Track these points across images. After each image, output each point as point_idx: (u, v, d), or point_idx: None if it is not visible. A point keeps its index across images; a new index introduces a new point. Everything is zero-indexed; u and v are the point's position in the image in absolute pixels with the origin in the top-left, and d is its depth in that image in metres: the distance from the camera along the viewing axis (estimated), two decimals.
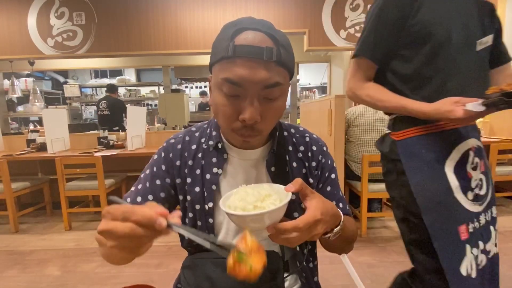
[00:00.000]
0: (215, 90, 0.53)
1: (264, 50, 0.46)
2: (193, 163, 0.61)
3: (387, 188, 0.93)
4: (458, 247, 0.73)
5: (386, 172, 0.91)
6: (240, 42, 0.47)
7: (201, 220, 0.59)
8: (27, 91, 4.81)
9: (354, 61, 0.88)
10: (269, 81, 0.48)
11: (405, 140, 0.82)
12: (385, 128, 2.73)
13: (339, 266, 1.80)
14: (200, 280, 0.56)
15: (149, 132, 3.16)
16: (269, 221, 0.41)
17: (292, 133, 0.66)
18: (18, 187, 2.55)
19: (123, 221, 0.32)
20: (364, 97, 0.86)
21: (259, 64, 0.47)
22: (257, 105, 0.49)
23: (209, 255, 0.59)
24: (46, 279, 1.79)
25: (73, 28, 2.96)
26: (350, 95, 0.92)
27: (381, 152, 0.93)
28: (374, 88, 0.85)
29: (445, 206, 0.74)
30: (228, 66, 0.48)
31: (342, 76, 4.21)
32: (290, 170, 0.62)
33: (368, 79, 0.87)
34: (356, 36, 3.04)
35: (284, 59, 0.49)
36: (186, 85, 6.36)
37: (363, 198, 2.17)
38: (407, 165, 0.80)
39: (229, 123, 0.51)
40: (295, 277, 0.63)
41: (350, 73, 0.89)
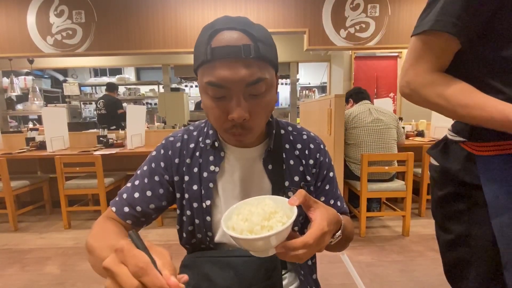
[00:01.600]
0: (202, 94, 0.53)
1: (241, 48, 0.46)
2: (191, 161, 0.62)
3: (440, 217, 0.67)
4: None
5: (446, 196, 0.64)
6: (217, 44, 0.47)
7: (199, 218, 0.60)
8: (26, 90, 4.80)
9: (420, 41, 0.59)
10: (251, 77, 0.48)
11: (493, 158, 0.55)
12: (382, 128, 2.67)
13: (338, 265, 1.81)
14: (199, 278, 0.56)
15: (149, 131, 3.16)
16: (276, 241, 0.39)
17: (290, 131, 0.66)
18: (17, 185, 2.55)
19: (132, 274, 0.29)
20: (435, 98, 0.57)
21: (238, 63, 0.47)
22: (244, 103, 0.49)
23: (208, 254, 0.59)
24: (45, 278, 1.79)
25: (73, 26, 2.95)
26: (407, 93, 0.62)
27: (442, 167, 0.65)
28: (451, 84, 0.56)
29: None
30: (209, 69, 0.48)
31: (342, 75, 4.20)
32: (287, 168, 0.62)
33: (439, 68, 0.59)
34: (357, 36, 3.04)
35: (264, 53, 0.48)
36: (186, 84, 6.36)
37: (362, 198, 2.18)
38: (493, 196, 0.54)
39: (220, 124, 0.52)
40: (294, 275, 0.64)
41: (410, 59, 0.61)
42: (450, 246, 0.64)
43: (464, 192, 0.59)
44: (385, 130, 2.26)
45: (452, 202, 0.62)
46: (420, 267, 1.80)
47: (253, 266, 0.55)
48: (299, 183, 0.62)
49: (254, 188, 0.61)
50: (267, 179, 0.61)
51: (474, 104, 0.52)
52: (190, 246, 0.63)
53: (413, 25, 0.61)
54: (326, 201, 0.65)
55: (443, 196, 0.65)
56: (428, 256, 1.94)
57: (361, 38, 3.05)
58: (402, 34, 3.04)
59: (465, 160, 0.59)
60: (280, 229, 0.38)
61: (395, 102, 4.25)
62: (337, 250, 0.61)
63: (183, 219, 0.62)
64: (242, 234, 0.40)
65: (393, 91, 4.26)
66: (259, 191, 0.61)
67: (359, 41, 3.05)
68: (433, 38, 0.57)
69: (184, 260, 0.62)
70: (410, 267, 1.81)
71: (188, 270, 0.59)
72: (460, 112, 0.55)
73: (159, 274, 0.30)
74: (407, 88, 0.62)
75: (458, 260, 0.62)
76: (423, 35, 0.58)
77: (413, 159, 2.13)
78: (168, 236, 2.30)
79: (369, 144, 2.25)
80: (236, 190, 0.60)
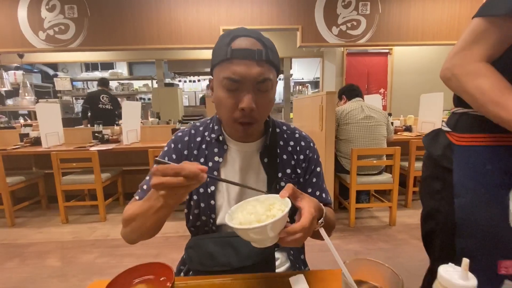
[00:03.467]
0: (217, 88, 0.62)
1: (255, 52, 0.58)
2: (198, 152, 0.71)
3: (422, 194, 0.79)
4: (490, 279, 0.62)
5: (428, 177, 0.75)
6: (236, 47, 0.58)
7: (204, 202, 0.67)
8: (16, 84, 4.72)
9: (485, 23, 0.57)
10: (261, 76, 0.59)
11: (467, 148, 0.64)
12: (372, 125, 2.79)
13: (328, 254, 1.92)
14: (203, 257, 0.64)
15: (144, 127, 3.19)
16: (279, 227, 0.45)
17: (284, 130, 0.76)
18: (13, 181, 2.56)
19: (174, 176, 0.43)
20: (472, 88, 0.58)
21: (252, 63, 0.58)
22: (253, 96, 0.59)
23: (210, 236, 0.67)
24: (47, 270, 1.84)
25: (65, 21, 2.93)
26: (448, 77, 0.63)
27: (428, 152, 0.76)
28: (493, 78, 0.56)
29: (490, 235, 0.61)
30: (227, 66, 0.58)
31: (334, 71, 4.29)
32: (280, 161, 0.71)
33: (490, 56, 0.58)
34: (349, 33, 3.11)
35: (271, 58, 0.60)
36: (179, 79, 6.33)
37: (352, 190, 2.29)
38: (460, 181, 0.64)
39: (231, 113, 0.61)
40: (285, 257, 0.72)
41: (463, 43, 0.60)
42: (424, 219, 0.77)
43: (441, 174, 0.69)
44: (376, 127, 2.36)
45: (430, 182, 0.73)
46: (404, 254, 1.93)
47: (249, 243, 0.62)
48: (291, 175, 0.71)
49: (252, 177, 0.70)
50: (263, 170, 0.70)
51: (504, 105, 0.54)
52: (195, 229, 0.71)
53: (403, 23, 0.66)
54: (312, 192, 0.74)
55: (425, 177, 0.76)
56: (412, 243, 2.07)
57: (353, 36, 3.12)
58: (392, 32, 3.12)
59: (446, 148, 0.68)
60: (282, 215, 0.45)
61: (385, 98, 4.37)
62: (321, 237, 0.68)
63: (190, 204, 0.70)
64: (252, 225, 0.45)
65: (383, 87, 4.37)
66: (256, 180, 0.69)
67: (351, 38, 3.13)
68: (505, 24, 0.55)
69: (188, 242, 0.69)
70: (396, 254, 1.94)
71: (193, 250, 0.66)
72: (490, 109, 0.56)
73: (190, 165, 0.44)
74: (449, 72, 0.62)
75: (430, 230, 0.74)
76: (494, 18, 0.56)
77: (400, 153, 2.24)
78: (165, 229, 2.35)
79: (360, 140, 2.35)
80: (236, 178, 0.69)
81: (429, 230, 0.75)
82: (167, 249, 2.07)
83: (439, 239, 0.71)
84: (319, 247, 0.86)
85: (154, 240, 2.34)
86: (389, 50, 4.23)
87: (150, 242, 2.22)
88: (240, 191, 0.68)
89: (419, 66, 4.23)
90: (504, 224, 0.60)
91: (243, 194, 0.68)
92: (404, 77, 4.28)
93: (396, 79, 4.30)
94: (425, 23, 3.12)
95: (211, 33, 3.02)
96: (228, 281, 0.56)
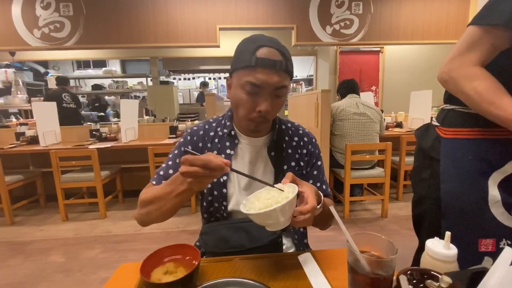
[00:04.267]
0: (237, 88, 0.70)
1: (277, 63, 0.66)
2: (211, 146, 0.78)
3: (413, 182, 0.87)
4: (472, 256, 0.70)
5: (418, 166, 0.84)
6: (261, 56, 0.65)
7: (217, 190, 0.75)
8: (7, 83, 4.64)
9: (481, 32, 0.64)
10: (279, 84, 0.67)
11: (452, 140, 0.73)
12: (366, 121, 2.91)
13: (324, 244, 2.02)
14: (217, 240, 0.71)
15: (142, 125, 3.21)
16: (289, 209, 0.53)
17: (289, 127, 0.84)
18: (11, 180, 2.57)
19: (202, 167, 0.51)
20: (469, 89, 0.64)
21: (273, 72, 0.66)
22: (270, 101, 0.68)
23: (222, 223, 0.74)
24: (51, 266, 1.88)
25: (60, 20, 2.92)
26: (445, 79, 0.69)
27: (419, 144, 0.84)
28: (487, 81, 0.63)
29: (472, 217, 0.70)
30: (251, 72, 0.66)
31: (328, 69, 4.38)
32: (286, 155, 0.79)
33: (484, 61, 0.65)
34: (342, 33, 3.20)
35: (289, 68, 0.69)
36: (174, 76, 6.32)
37: (346, 184, 2.39)
38: (445, 169, 0.72)
39: (248, 114, 0.70)
40: (291, 242, 0.80)
41: (459, 49, 0.67)
42: (415, 204, 0.87)
43: (429, 164, 0.78)
44: (369, 123, 2.46)
45: (420, 171, 0.82)
46: (396, 243, 2.00)
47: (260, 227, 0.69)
48: (295, 168, 0.79)
49: (260, 169, 0.77)
50: (270, 163, 0.78)
51: (501, 105, 0.60)
52: (208, 215, 0.78)
53: (393, 23, 0.75)
54: (313, 183, 0.81)
55: (416, 166, 0.85)
56: (404, 233, 2.19)
57: (346, 35, 3.21)
58: (383, 31, 3.23)
59: (434, 140, 0.77)
60: (293, 196, 0.53)
61: (377, 95, 4.50)
62: (320, 226, 0.76)
63: (204, 191, 0.77)
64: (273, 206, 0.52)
65: (375, 84, 4.49)
66: (263, 171, 0.77)
67: (344, 37, 3.22)
68: (497, 34, 0.61)
69: (202, 228, 0.76)
70: None
71: (207, 235, 0.73)
72: (485, 108, 0.62)
73: (216, 159, 0.52)
74: (446, 75, 0.68)
75: (419, 215, 0.84)
76: (489, 27, 0.62)
77: (391, 148, 2.35)
78: (166, 225, 2.42)
79: (354, 135, 2.45)
80: (245, 169, 0.76)
81: (418, 214, 0.84)
82: (168, 243, 2.12)
83: (427, 221, 0.81)
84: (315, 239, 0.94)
85: (155, 235, 2.43)
86: (380, 48, 4.35)
87: (152, 237, 2.28)
88: (249, 181, 0.75)
89: (409, 64, 4.37)
90: (484, 206, 0.69)
91: (251, 184, 0.75)
92: (395, 75, 4.42)
93: (387, 77, 4.43)
94: (414, 23, 3.24)
95: (208, 32, 3.06)
96: (243, 260, 0.64)
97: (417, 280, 0.42)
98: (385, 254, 0.46)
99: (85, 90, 5.69)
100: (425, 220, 0.81)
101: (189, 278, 0.51)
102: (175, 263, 0.56)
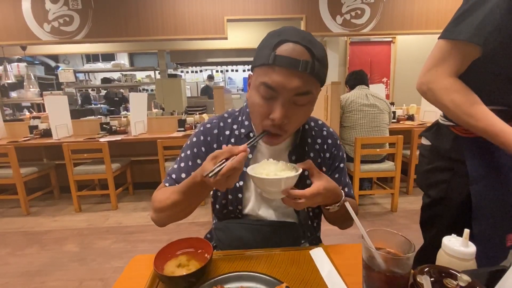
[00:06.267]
0: (253, 90, 0.61)
1: (300, 63, 0.53)
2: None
3: (424, 184, 0.84)
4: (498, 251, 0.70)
5: (433, 169, 0.80)
6: (281, 53, 0.54)
7: (232, 195, 0.70)
8: (20, 77, 4.74)
9: (450, 46, 0.67)
10: (301, 89, 0.55)
11: (475, 139, 0.70)
12: (376, 112, 2.84)
13: (331, 238, 2.02)
14: (232, 239, 0.70)
15: (150, 118, 3.24)
16: (284, 186, 0.56)
17: (312, 126, 0.76)
18: (26, 172, 2.64)
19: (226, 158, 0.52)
20: (447, 101, 0.67)
21: (294, 74, 0.54)
22: (287, 109, 0.57)
23: (239, 221, 0.72)
24: (66, 255, 1.94)
25: (70, 13, 2.93)
26: (424, 91, 0.71)
27: (434, 146, 0.81)
28: (464, 93, 0.66)
29: (503, 213, 0.69)
30: (267, 71, 0.56)
31: (337, 61, 4.29)
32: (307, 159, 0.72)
33: (457, 72, 0.68)
34: (353, 22, 3.11)
35: (318, 71, 0.56)
36: (182, 69, 6.32)
37: (355, 178, 2.36)
38: (474, 170, 0.70)
39: (261, 121, 0.60)
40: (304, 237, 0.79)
41: (433, 61, 0.70)
42: (427, 206, 0.84)
43: (449, 165, 0.76)
44: (379, 114, 2.41)
45: (436, 173, 0.80)
46: None
47: (277, 230, 0.68)
48: None
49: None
50: None
51: (478, 116, 0.64)
52: (221, 215, 0.75)
53: (407, 12, 0.72)
54: None
55: (430, 169, 0.82)
56: (413, 228, 2.16)
57: (357, 25, 3.12)
58: (396, 20, 3.12)
59: (453, 141, 0.75)
60: (293, 175, 0.56)
61: (388, 87, 4.39)
62: (338, 224, 0.74)
63: (217, 194, 0.72)
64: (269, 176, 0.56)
65: (386, 76, 4.38)
66: None
67: (355, 27, 3.13)
68: (465, 47, 0.65)
69: (216, 224, 0.75)
70: None
71: (222, 232, 0.72)
72: (464, 119, 0.66)
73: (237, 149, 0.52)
74: (425, 86, 0.71)
75: (433, 216, 0.83)
76: (456, 41, 0.65)
77: (402, 142, 2.30)
78: None
79: (363, 126, 2.41)
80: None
81: (432, 215, 0.83)
82: (178, 235, 2.17)
83: (443, 223, 0.79)
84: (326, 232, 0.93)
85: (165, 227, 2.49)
86: (392, 38, 4.21)
87: (162, 228, 2.33)
88: None
89: (422, 55, 4.23)
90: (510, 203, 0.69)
91: None
92: (407, 66, 4.29)
93: (399, 68, 4.31)
94: (429, 11, 3.11)
95: (216, 23, 3.02)
96: (255, 254, 0.64)
97: (434, 278, 0.41)
98: (401, 252, 0.45)
99: (95, 84, 5.76)
100: (441, 220, 0.79)
101: (201, 271, 0.51)
102: (188, 256, 0.57)
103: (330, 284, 0.53)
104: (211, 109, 4.35)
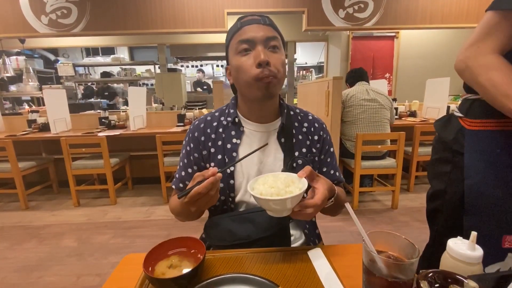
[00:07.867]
0: (234, 58, 0.68)
1: (260, 19, 0.68)
2: (215, 136, 0.75)
3: (430, 175, 0.83)
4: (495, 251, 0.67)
5: (437, 160, 0.79)
6: (244, 20, 0.68)
7: (223, 182, 0.72)
8: (19, 70, 4.70)
9: (498, 17, 0.59)
10: (268, 34, 0.67)
11: (478, 132, 0.68)
12: (377, 107, 2.80)
13: (332, 234, 2.00)
14: (222, 233, 0.69)
15: (150, 112, 3.21)
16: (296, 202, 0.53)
17: (297, 113, 0.81)
18: (25, 166, 2.63)
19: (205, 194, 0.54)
20: (484, 80, 0.60)
21: (259, 27, 0.67)
22: (265, 51, 0.65)
23: (227, 215, 0.72)
24: (64, 250, 1.93)
25: (67, 5, 2.88)
26: (462, 68, 0.65)
27: (439, 136, 0.79)
28: (506, 72, 0.58)
29: (497, 212, 0.66)
30: (239, 34, 0.67)
31: (339, 55, 4.23)
32: (296, 141, 0.75)
33: (504, 48, 0.60)
34: (355, 16, 3.05)
35: (275, 26, 0.70)
36: (182, 64, 6.26)
37: (356, 174, 2.34)
38: (470, 163, 0.68)
39: (250, 73, 0.65)
40: (300, 233, 0.77)
41: (477, 35, 0.62)
42: (430, 198, 0.82)
43: (451, 157, 0.74)
44: (380, 110, 2.38)
45: (440, 164, 0.78)
46: (406, 235, 1.96)
47: (267, 216, 0.67)
48: (306, 154, 0.76)
49: (270, 157, 0.73)
50: (280, 149, 0.74)
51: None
52: (214, 208, 0.76)
53: (411, 6, 0.68)
54: (327, 171, 0.79)
55: (435, 159, 0.80)
56: (414, 225, 2.14)
57: (360, 19, 3.06)
58: (399, 15, 3.06)
59: (457, 132, 0.72)
60: (299, 192, 0.51)
61: (391, 83, 4.34)
62: (331, 213, 0.74)
63: None
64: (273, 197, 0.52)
65: (388, 72, 4.32)
66: (274, 159, 0.73)
67: (358, 21, 3.07)
68: (505, 16, 0.58)
69: (207, 222, 0.74)
70: None
71: (212, 229, 0.71)
72: (502, 101, 0.58)
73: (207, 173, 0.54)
74: (463, 63, 0.64)
75: (435, 209, 0.80)
76: (506, 11, 0.58)
77: (404, 138, 2.27)
78: None
79: (364, 122, 2.37)
80: (254, 158, 0.72)
81: (434, 208, 0.81)
82: (177, 230, 2.16)
83: (443, 216, 0.77)
84: (323, 229, 0.91)
85: (163, 222, 2.45)
86: (395, 33, 4.14)
87: (160, 224, 2.31)
88: (258, 170, 0.72)
89: (425, 50, 4.16)
90: (510, 202, 0.65)
91: (261, 173, 0.72)
92: (410, 62, 4.23)
93: (402, 64, 4.25)
94: (433, 6, 3.04)
95: (215, 16, 2.97)
96: (250, 254, 0.61)
97: (439, 284, 0.39)
98: (404, 256, 0.42)
99: (94, 78, 5.71)
100: (441, 215, 0.78)
101: (194, 272, 0.49)
102: (180, 257, 0.55)
103: (328, 287, 0.50)
104: (211, 104, 4.31)
